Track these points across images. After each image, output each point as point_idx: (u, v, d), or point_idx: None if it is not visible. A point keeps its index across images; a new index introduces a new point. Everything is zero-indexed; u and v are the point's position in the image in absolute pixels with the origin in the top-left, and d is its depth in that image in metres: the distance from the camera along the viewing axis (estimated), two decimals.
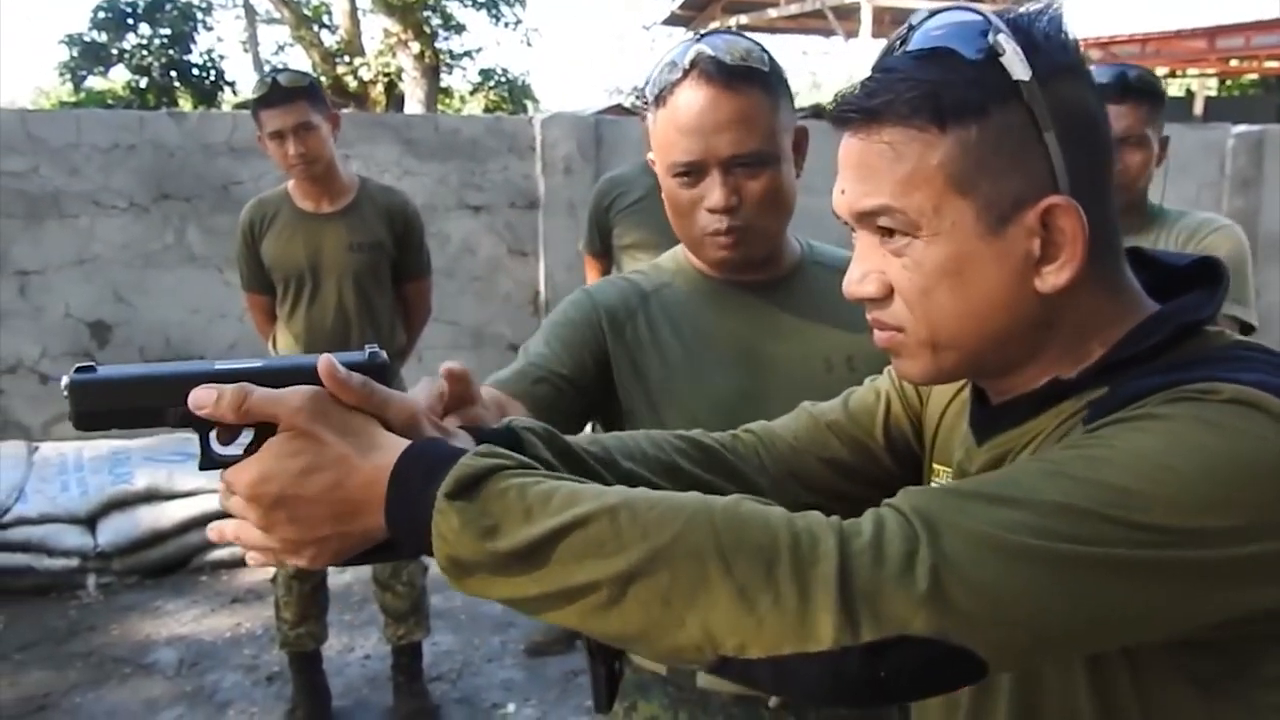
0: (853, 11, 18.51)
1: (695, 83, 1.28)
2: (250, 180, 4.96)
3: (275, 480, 0.74)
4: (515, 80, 20.11)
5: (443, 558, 0.71)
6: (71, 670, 3.55)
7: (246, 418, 0.76)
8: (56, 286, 4.79)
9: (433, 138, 5.29)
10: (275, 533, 0.76)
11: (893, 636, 0.64)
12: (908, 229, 0.78)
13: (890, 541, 0.66)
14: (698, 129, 1.28)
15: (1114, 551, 0.65)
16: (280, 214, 3.04)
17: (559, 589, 0.68)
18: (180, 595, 4.10)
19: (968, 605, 0.64)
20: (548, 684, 3.44)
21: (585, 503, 0.69)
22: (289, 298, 3.06)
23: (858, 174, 0.80)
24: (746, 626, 0.65)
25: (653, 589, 0.66)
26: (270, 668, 3.54)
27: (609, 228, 3.38)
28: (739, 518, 0.68)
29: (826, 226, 4.33)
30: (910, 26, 0.81)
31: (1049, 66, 0.76)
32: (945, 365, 0.82)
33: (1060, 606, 0.66)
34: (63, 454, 4.56)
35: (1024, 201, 0.76)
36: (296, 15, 18.15)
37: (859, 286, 0.83)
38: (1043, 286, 0.77)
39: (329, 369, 0.77)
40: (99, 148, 4.77)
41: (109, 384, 0.79)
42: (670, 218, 1.38)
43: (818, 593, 0.64)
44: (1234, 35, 13.05)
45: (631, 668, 1.46)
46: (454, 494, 0.70)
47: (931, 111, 0.76)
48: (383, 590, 3.21)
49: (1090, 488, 0.67)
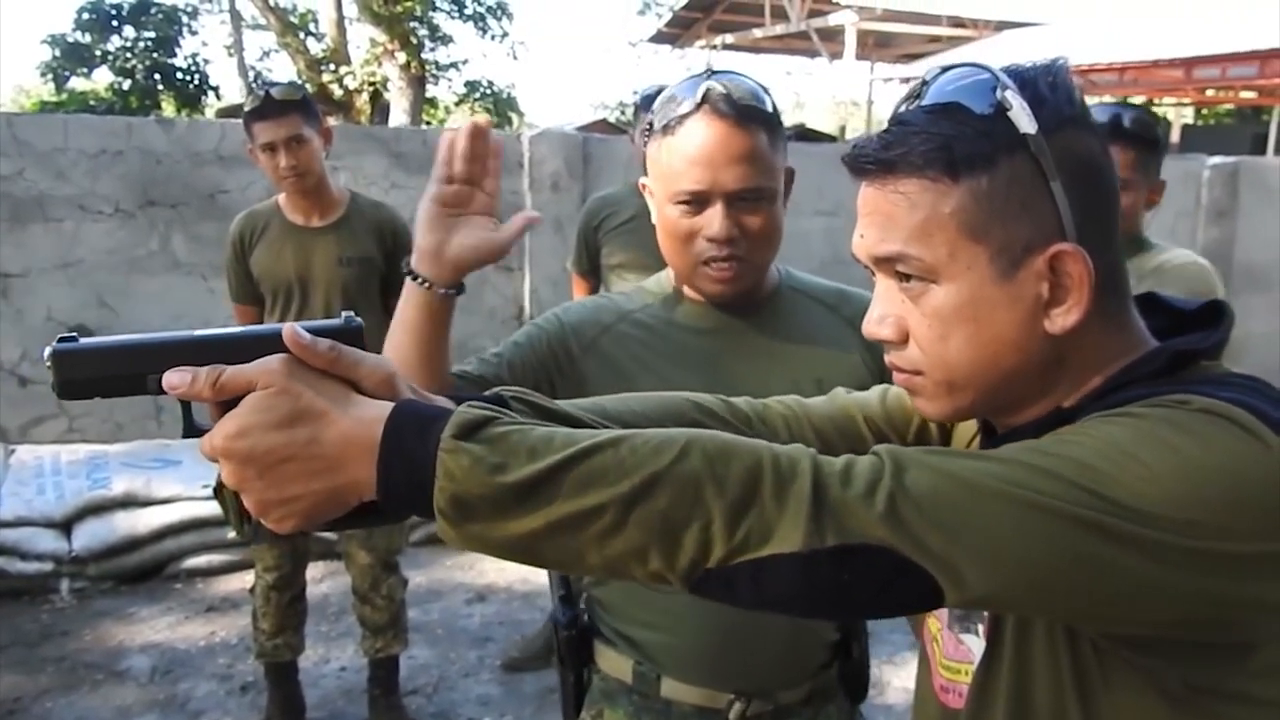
0: (837, 33, 18.68)
1: (707, 116, 1.34)
2: (237, 189, 4.96)
3: (249, 434, 0.75)
4: (500, 93, 20.18)
5: (445, 500, 0.72)
6: (43, 675, 3.53)
7: (222, 394, 0.77)
8: (39, 290, 4.77)
9: (421, 151, 5.31)
10: (244, 489, 0.76)
11: (854, 544, 0.70)
12: (924, 274, 0.83)
13: (859, 472, 0.73)
14: (706, 160, 1.33)
15: (1069, 508, 0.70)
16: (271, 226, 3.05)
17: (565, 516, 0.72)
18: (155, 602, 4.09)
19: (920, 527, 0.70)
20: (523, 700, 3.45)
21: (586, 439, 0.73)
22: (277, 310, 3.06)
23: (875, 221, 0.85)
24: (734, 537, 0.71)
25: (653, 510, 0.71)
26: (244, 677, 3.53)
27: (598, 247, 3.41)
28: (728, 444, 0.74)
29: (811, 245, 4.40)
30: (924, 82, 0.85)
31: (1054, 119, 0.80)
32: (962, 404, 0.87)
33: (1009, 542, 0.71)
34: (40, 457, 4.53)
35: (1033, 247, 0.80)
36: (282, 22, 18.12)
37: (877, 328, 0.88)
38: (1052, 328, 0.82)
39: (292, 336, 0.77)
40: (86, 152, 4.76)
41: (90, 353, 0.80)
42: (664, 243, 1.42)
43: (792, 503, 0.71)
44: (1211, 66, 13.23)
45: (600, 676, 1.50)
46: (460, 436, 0.72)
47: (944, 163, 0.80)
48: (361, 603, 3.22)
49: (1058, 460, 0.73)
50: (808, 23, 18.98)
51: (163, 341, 0.81)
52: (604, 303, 1.51)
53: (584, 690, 1.52)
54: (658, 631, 1.43)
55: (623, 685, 1.46)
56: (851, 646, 1.50)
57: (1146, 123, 2.36)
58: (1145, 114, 2.42)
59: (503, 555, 0.75)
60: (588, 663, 1.51)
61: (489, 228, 1.24)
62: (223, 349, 0.80)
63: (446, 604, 4.16)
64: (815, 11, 18.72)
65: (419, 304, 1.25)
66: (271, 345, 0.78)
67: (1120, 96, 13.21)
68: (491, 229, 1.24)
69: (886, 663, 3.65)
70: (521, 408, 0.89)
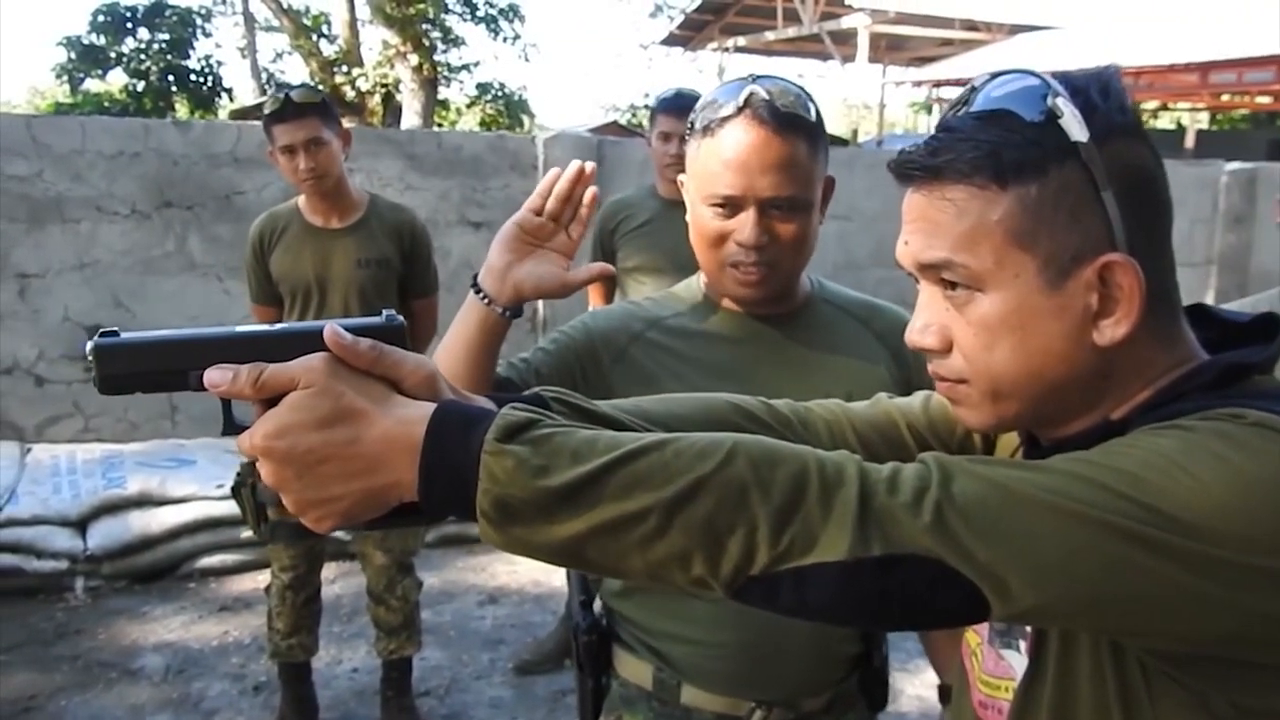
0: (849, 36, 18.67)
1: (748, 121, 1.33)
2: (253, 191, 4.98)
3: (289, 433, 0.74)
4: (512, 95, 20.20)
5: (488, 503, 0.71)
6: (57, 673, 3.54)
7: (263, 392, 0.76)
8: (56, 290, 4.80)
9: (435, 154, 5.32)
10: (283, 490, 0.76)
11: (899, 554, 0.69)
12: (970, 282, 0.82)
13: (906, 480, 0.72)
14: (743, 166, 1.33)
15: (1118, 520, 0.69)
16: (290, 228, 3.06)
17: (608, 520, 0.71)
18: (168, 601, 4.10)
19: (967, 538, 0.69)
20: (535, 703, 3.45)
21: (630, 443, 0.73)
22: (296, 311, 3.07)
23: (921, 228, 0.83)
24: (778, 544, 0.70)
25: (697, 515, 0.70)
26: (258, 677, 3.54)
27: (613, 250, 3.40)
28: (774, 450, 0.74)
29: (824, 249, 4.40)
30: (973, 89, 0.84)
31: (1106, 127, 0.79)
32: (1006, 415, 0.86)
33: (1056, 554, 0.69)
34: (55, 456, 4.56)
35: (1083, 257, 0.79)
36: (295, 24, 18.20)
37: (920, 337, 0.87)
38: (1100, 339, 0.80)
39: (333, 336, 0.76)
40: (103, 154, 4.78)
41: (132, 348, 0.80)
42: (694, 243, 1.42)
43: (838, 510, 0.70)
44: (1227, 70, 13.19)
45: (619, 682, 1.49)
46: (503, 439, 0.72)
47: (992, 170, 0.79)
48: (376, 604, 3.22)
49: (1106, 471, 0.71)
50: (820, 26, 18.98)
51: (204, 337, 0.80)
52: (633, 309, 1.51)
53: (602, 696, 1.51)
54: (680, 643, 1.43)
55: (642, 691, 1.45)
56: (873, 655, 1.49)
57: None
58: None
59: (545, 559, 0.75)
60: (606, 668, 1.51)
61: (560, 265, 1.26)
62: (264, 346, 0.79)
63: (459, 605, 4.16)
64: (828, 14, 18.71)
65: (476, 317, 1.27)
66: (313, 343, 0.77)
67: (1135, 101, 13.15)
68: (563, 267, 1.26)
69: (900, 670, 3.64)
70: (561, 408, 0.89)
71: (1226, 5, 13.93)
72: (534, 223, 1.25)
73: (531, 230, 1.26)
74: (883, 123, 21.25)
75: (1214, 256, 7.15)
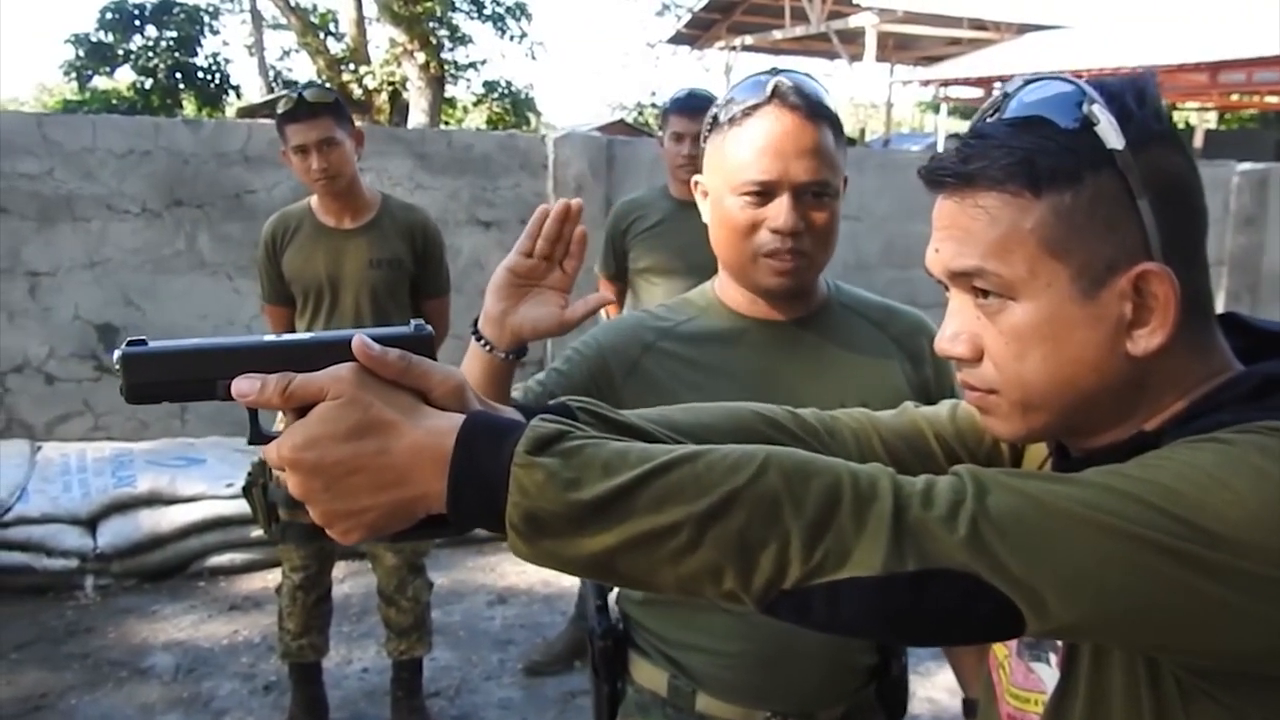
0: (857, 35, 18.63)
1: (778, 108, 1.34)
2: (263, 189, 4.98)
3: (317, 445, 0.73)
4: (519, 93, 20.20)
5: (518, 516, 0.71)
6: (68, 672, 3.54)
7: (291, 402, 0.76)
8: (66, 288, 4.80)
9: (445, 153, 5.32)
10: (311, 501, 0.75)
11: (934, 568, 0.69)
12: (1003, 291, 0.81)
13: (940, 493, 0.71)
14: (778, 151, 1.33)
15: (1154, 534, 0.68)
16: (302, 228, 3.06)
17: (640, 534, 0.70)
18: (178, 600, 4.10)
19: (1002, 553, 0.68)
20: (545, 704, 3.45)
21: (662, 455, 0.72)
22: (308, 311, 3.07)
23: (952, 235, 0.82)
24: (811, 559, 0.69)
25: (730, 529, 0.70)
26: (268, 677, 3.54)
27: (625, 251, 3.39)
28: (807, 463, 0.73)
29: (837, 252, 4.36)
30: (1005, 94, 0.83)
31: (1142, 135, 0.78)
32: (1036, 425, 0.85)
33: (1092, 569, 0.68)
34: (65, 454, 4.56)
35: (1117, 266, 0.78)
36: (303, 22, 18.20)
37: (950, 345, 0.86)
38: (1134, 350, 0.79)
39: (361, 348, 0.76)
40: (114, 152, 4.79)
41: (160, 357, 0.79)
42: (722, 236, 1.40)
43: (872, 524, 0.69)
44: (1236, 70, 13.15)
45: (634, 687, 1.48)
46: (534, 451, 0.71)
47: (1026, 177, 0.78)
48: (387, 605, 3.21)
49: (1142, 484, 0.70)
50: (828, 25, 18.95)
51: (232, 346, 0.80)
52: (644, 319, 1.49)
53: (617, 701, 1.51)
54: (696, 652, 1.42)
55: (656, 698, 1.45)
56: (891, 664, 1.48)
57: None
58: None
59: (575, 572, 0.74)
60: (622, 674, 1.50)
61: (558, 304, 1.25)
62: (292, 355, 0.79)
63: (468, 606, 4.16)
64: (835, 13, 18.68)
65: (480, 364, 1.27)
66: (342, 353, 0.77)
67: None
68: (560, 305, 1.25)
69: (912, 673, 3.62)
70: (588, 418, 0.88)
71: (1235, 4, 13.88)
72: (526, 265, 1.24)
73: (524, 272, 1.24)
74: (890, 122, 21.21)
75: (1225, 257, 7.12)
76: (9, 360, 4.77)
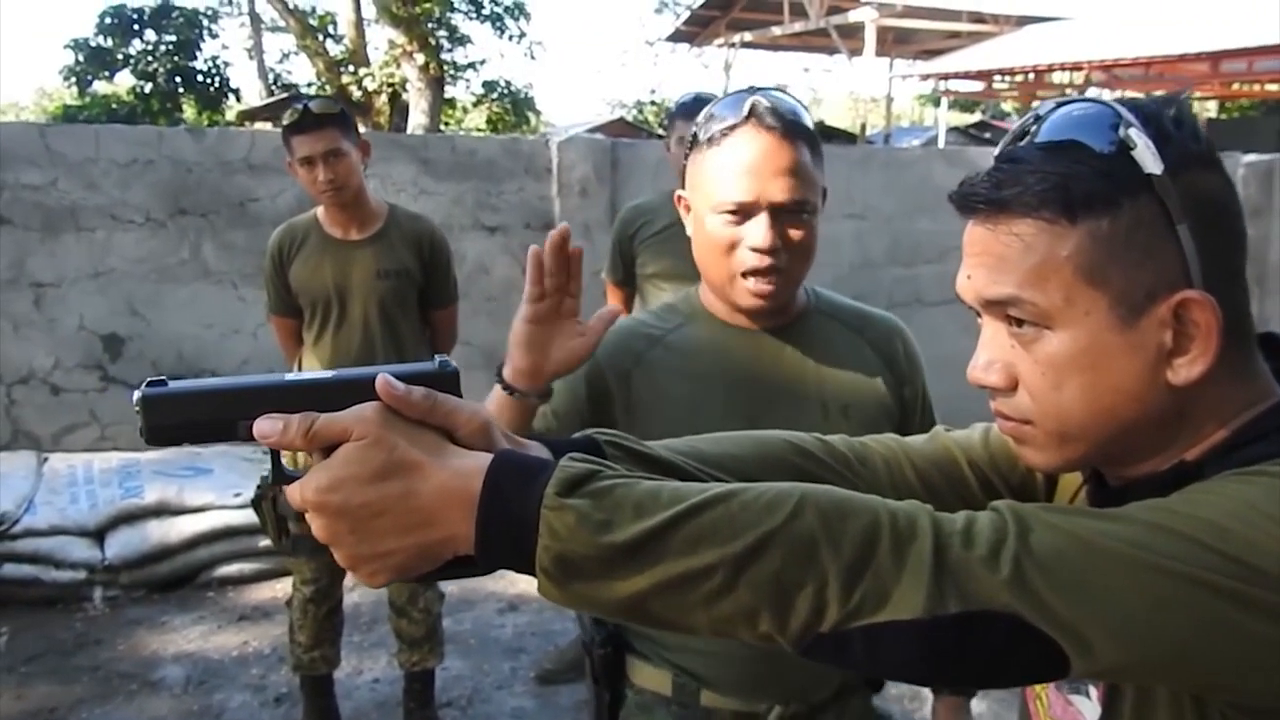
0: (856, 30, 18.59)
1: (755, 128, 1.36)
2: (267, 198, 4.97)
3: (342, 487, 0.72)
4: (518, 93, 20.19)
5: (549, 559, 0.69)
6: (78, 684, 3.53)
7: (315, 443, 0.74)
8: (71, 299, 4.79)
9: (449, 158, 5.30)
10: (336, 544, 0.74)
11: (976, 610, 0.67)
12: (1038, 319, 0.79)
13: (981, 531, 0.69)
14: (755, 171, 1.35)
15: (1206, 574, 0.66)
16: (309, 239, 3.04)
17: (673, 577, 0.69)
18: (187, 611, 4.09)
19: (1047, 594, 0.67)
20: (558, 712, 3.43)
21: (694, 495, 0.70)
22: (316, 322, 3.06)
23: (985, 262, 0.81)
24: (849, 601, 0.68)
25: (765, 571, 0.68)
26: (278, 688, 3.52)
27: (632, 256, 3.38)
28: (844, 501, 0.71)
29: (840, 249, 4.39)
30: (1036, 117, 0.81)
31: (1181, 158, 0.76)
32: (1073, 456, 0.83)
33: (1139, 610, 0.67)
34: (73, 466, 4.55)
35: (1157, 294, 0.76)
36: (302, 24, 18.19)
37: (983, 374, 0.84)
38: (1175, 379, 0.77)
39: (385, 387, 0.74)
40: (117, 162, 4.77)
41: (180, 398, 0.78)
42: (702, 255, 1.43)
43: (913, 565, 0.67)
44: (1238, 59, 13.12)
45: (634, 691, 1.51)
46: (564, 493, 0.70)
47: (1061, 203, 0.76)
48: (398, 616, 3.20)
49: (1190, 522, 0.69)
50: (827, 20, 18.92)
51: (253, 385, 0.78)
52: (635, 328, 1.52)
53: (619, 707, 1.53)
54: (695, 654, 1.46)
55: (660, 697, 1.48)
56: None
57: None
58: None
59: (607, 615, 0.73)
60: (622, 678, 1.53)
61: (575, 333, 1.28)
62: (314, 394, 0.77)
63: (479, 614, 4.15)
64: (834, 9, 18.65)
65: (510, 409, 1.29)
66: (365, 391, 0.76)
67: (1146, 91, 13.11)
68: (579, 334, 1.28)
69: None
70: (615, 452, 0.87)
71: None
72: (542, 309, 1.26)
73: (543, 316, 1.26)
74: (890, 116, 21.17)
75: None
76: (15, 372, 4.76)
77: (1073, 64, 14.64)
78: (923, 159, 6.51)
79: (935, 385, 1.58)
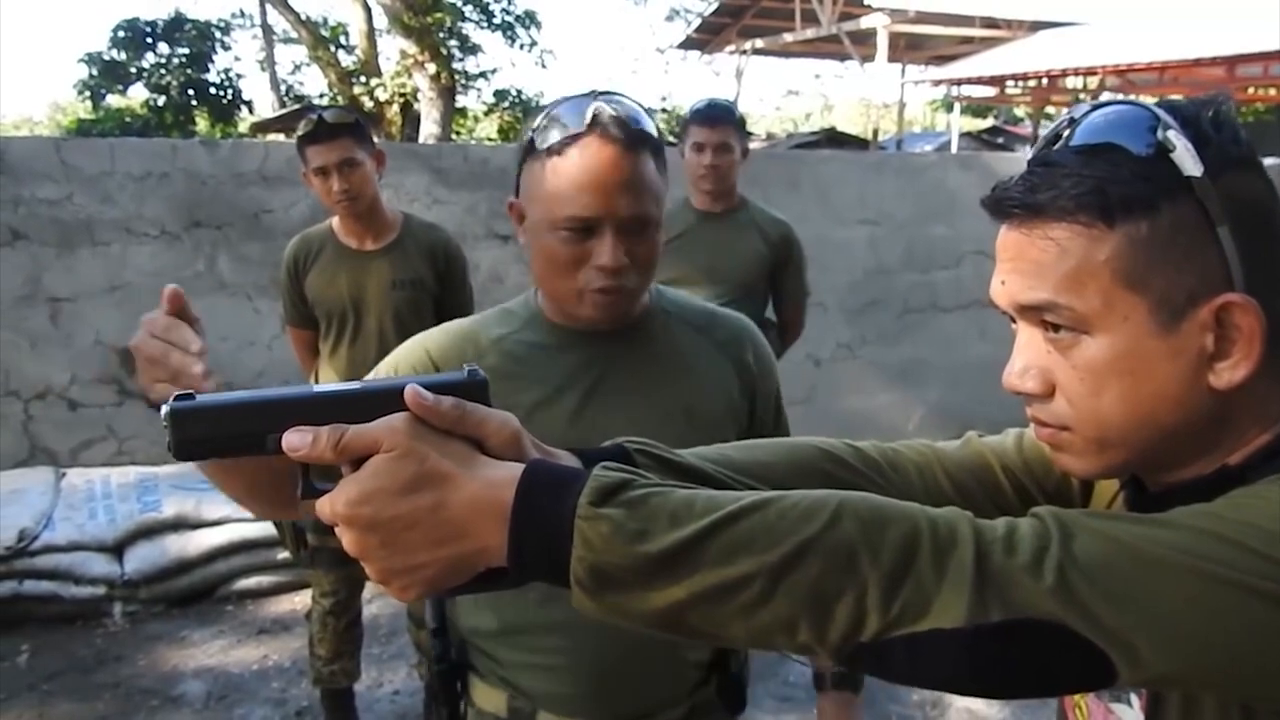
0: (868, 36, 18.59)
1: (598, 140, 1.28)
2: (281, 209, 4.97)
3: (372, 500, 0.71)
4: (529, 101, 20.25)
5: (584, 570, 0.68)
6: (99, 702, 3.53)
7: (344, 455, 0.73)
8: (88, 314, 4.79)
9: (462, 167, 5.30)
10: (367, 559, 0.73)
11: (1020, 618, 0.65)
12: (1077, 325, 0.77)
13: (1023, 538, 0.68)
14: (599, 186, 1.28)
15: (1254, 580, 0.65)
16: (324, 250, 3.04)
17: (710, 587, 0.68)
18: (206, 625, 4.08)
19: (1093, 601, 0.65)
20: None
21: (730, 503, 0.69)
22: (332, 333, 3.06)
23: (1020, 268, 0.79)
24: (890, 610, 0.66)
25: (804, 580, 0.67)
26: (299, 702, 3.51)
27: None
28: (882, 509, 0.70)
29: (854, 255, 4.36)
30: (1071, 120, 0.80)
31: (1220, 160, 0.75)
32: (1113, 462, 0.82)
33: (1189, 618, 0.66)
34: (90, 481, 4.55)
35: (1198, 297, 0.75)
36: (314, 35, 18.30)
37: (1019, 381, 0.82)
38: (1217, 383, 0.76)
39: (414, 398, 0.74)
40: (132, 175, 4.78)
41: (209, 411, 0.77)
42: (542, 270, 1.35)
43: (954, 574, 0.66)
44: (1253, 64, 13.06)
45: (474, 710, 1.46)
46: (598, 502, 0.68)
47: (1098, 208, 0.75)
48: (418, 628, 3.17)
49: (1239, 527, 0.68)
50: (839, 26, 18.91)
51: (281, 398, 0.78)
52: (470, 332, 1.44)
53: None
54: (529, 672, 1.39)
55: (496, 719, 1.43)
56: (729, 660, 1.46)
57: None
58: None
59: (642, 626, 0.71)
60: (463, 695, 1.47)
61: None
62: (343, 406, 0.76)
63: None
64: (846, 15, 18.65)
65: None
66: (394, 402, 0.75)
67: (1161, 96, 13.07)
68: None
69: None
70: (646, 460, 0.86)
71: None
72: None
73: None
74: (902, 122, 21.13)
75: None
76: (32, 388, 4.76)
77: (1086, 69, 14.58)
78: (936, 164, 6.48)
79: (951, 390, 1.56)
